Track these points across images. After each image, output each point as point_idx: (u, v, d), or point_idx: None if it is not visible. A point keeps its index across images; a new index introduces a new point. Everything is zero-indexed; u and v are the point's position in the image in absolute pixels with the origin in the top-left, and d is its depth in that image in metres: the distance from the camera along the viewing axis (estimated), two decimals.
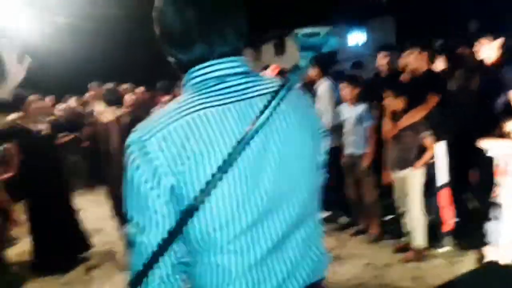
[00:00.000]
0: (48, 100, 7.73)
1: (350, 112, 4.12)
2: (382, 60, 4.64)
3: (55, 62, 10.89)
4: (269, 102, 0.89)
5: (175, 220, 0.88)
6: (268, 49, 17.37)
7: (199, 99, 0.93)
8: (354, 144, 4.10)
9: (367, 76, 5.65)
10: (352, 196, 4.25)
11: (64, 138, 6.88)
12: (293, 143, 0.99)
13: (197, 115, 0.90)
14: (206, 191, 0.86)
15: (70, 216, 4.39)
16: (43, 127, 4.28)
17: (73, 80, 8.95)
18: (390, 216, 4.35)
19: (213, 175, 0.86)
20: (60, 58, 10.96)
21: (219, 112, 0.91)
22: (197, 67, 0.97)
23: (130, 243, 0.94)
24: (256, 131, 0.88)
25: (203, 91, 0.95)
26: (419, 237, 3.60)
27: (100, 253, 4.64)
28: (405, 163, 3.55)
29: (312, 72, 4.65)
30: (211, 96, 0.93)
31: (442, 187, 3.65)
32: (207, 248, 0.93)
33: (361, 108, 4.07)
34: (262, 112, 0.88)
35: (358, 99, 4.09)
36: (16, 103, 4.13)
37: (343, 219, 4.60)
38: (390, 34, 13.64)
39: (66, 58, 11.22)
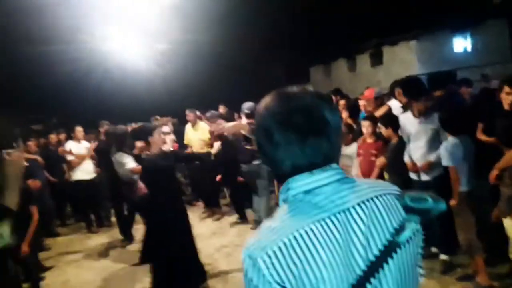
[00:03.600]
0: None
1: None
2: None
3: (157, 85, 11.75)
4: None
5: None
6: (363, 59, 16.75)
7: (298, 215, 0.95)
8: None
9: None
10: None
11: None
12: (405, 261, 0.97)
13: (298, 234, 0.91)
14: None
15: (191, 243, 4.40)
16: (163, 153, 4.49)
17: (171, 102, 9.58)
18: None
19: None
20: (161, 80, 11.80)
21: (319, 229, 0.92)
22: (290, 180, 0.99)
23: None
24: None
25: (299, 204, 0.97)
26: None
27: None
28: (504, 208, 3.24)
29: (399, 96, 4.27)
30: (308, 211, 0.94)
31: None
32: None
33: (450, 142, 3.66)
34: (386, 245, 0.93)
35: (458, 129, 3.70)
36: (143, 133, 4.48)
37: (447, 258, 4.09)
38: (502, 39, 12.28)
39: (166, 81, 12.05)
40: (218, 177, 6.91)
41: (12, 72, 13.60)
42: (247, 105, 5.79)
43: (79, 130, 7.36)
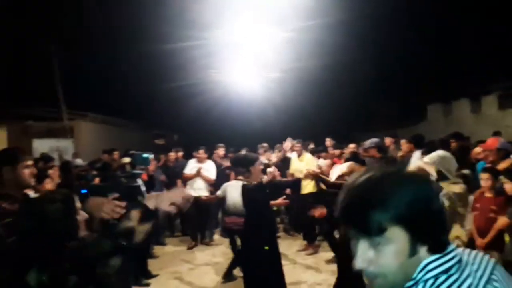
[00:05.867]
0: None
1: None
2: None
3: (269, 113, 12.47)
4: None
5: None
6: (490, 101, 15.37)
7: None
8: None
9: None
10: None
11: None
12: None
13: None
14: None
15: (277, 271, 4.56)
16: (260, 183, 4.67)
17: (281, 129, 10.12)
18: None
19: None
20: (273, 109, 12.47)
21: None
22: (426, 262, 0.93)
23: None
24: None
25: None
26: None
27: None
28: None
29: None
30: None
31: None
32: None
33: None
34: None
35: None
36: (246, 162, 4.75)
37: None
38: None
39: (277, 110, 12.70)
40: (317, 213, 6.67)
41: (151, 102, 16.10)
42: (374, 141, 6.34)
43: (200, 152, 7.95)
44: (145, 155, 2.78)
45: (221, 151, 8.61)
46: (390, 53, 15.75)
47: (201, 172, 7.69)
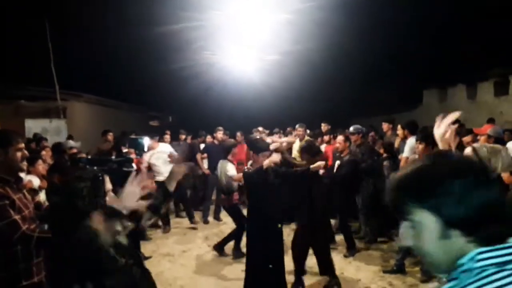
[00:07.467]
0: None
1: None
2: None
3: (266, 96, 12.41)
4: None
5: None
6: (485, 87, 15.33)
7: None
8: None
9: None
10: None
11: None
12: None
13: None
14: None
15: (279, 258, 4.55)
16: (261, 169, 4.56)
17: (277, 113, 10.08)
18: None
19: None
20: (271, 92, 12.41)
21: None
22: (477, 251, 0.90)
23: None
24: None
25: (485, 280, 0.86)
26: None
27: None
28: None
29: None
30: None
31: None
32: None
33: None
34: None
35: None
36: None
37: None
38: None
39: (275, 93, 12.64)
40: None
41: (147, 83, 16.18)
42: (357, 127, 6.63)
43: (166, 137, 7.93)
44: (140, 140, 2.74)
45: (219, 134, 8.74)
46: (387, 38, 15.64)
47: (172, 159, 7.25)
